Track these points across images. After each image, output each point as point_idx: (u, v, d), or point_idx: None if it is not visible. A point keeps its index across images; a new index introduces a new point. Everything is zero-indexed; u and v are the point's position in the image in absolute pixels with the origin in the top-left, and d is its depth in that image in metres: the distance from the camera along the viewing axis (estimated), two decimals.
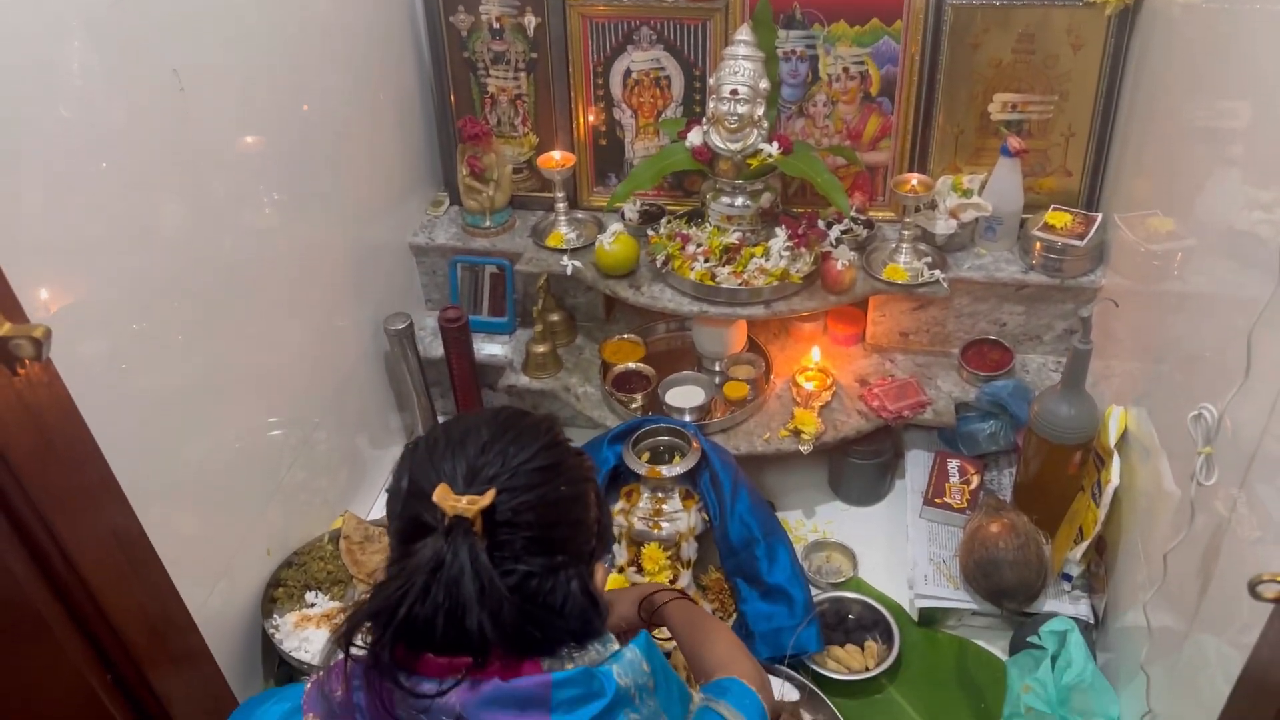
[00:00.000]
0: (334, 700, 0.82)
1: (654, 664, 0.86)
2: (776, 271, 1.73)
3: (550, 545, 0.83)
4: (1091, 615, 1.54)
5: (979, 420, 1.78)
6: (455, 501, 0.78)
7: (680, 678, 0.94)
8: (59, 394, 0.96)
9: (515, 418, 0.88)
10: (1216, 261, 1.26)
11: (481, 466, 0.82)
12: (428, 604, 0.78)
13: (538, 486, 0.83)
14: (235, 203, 1.45)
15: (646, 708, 0.83)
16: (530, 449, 0.84)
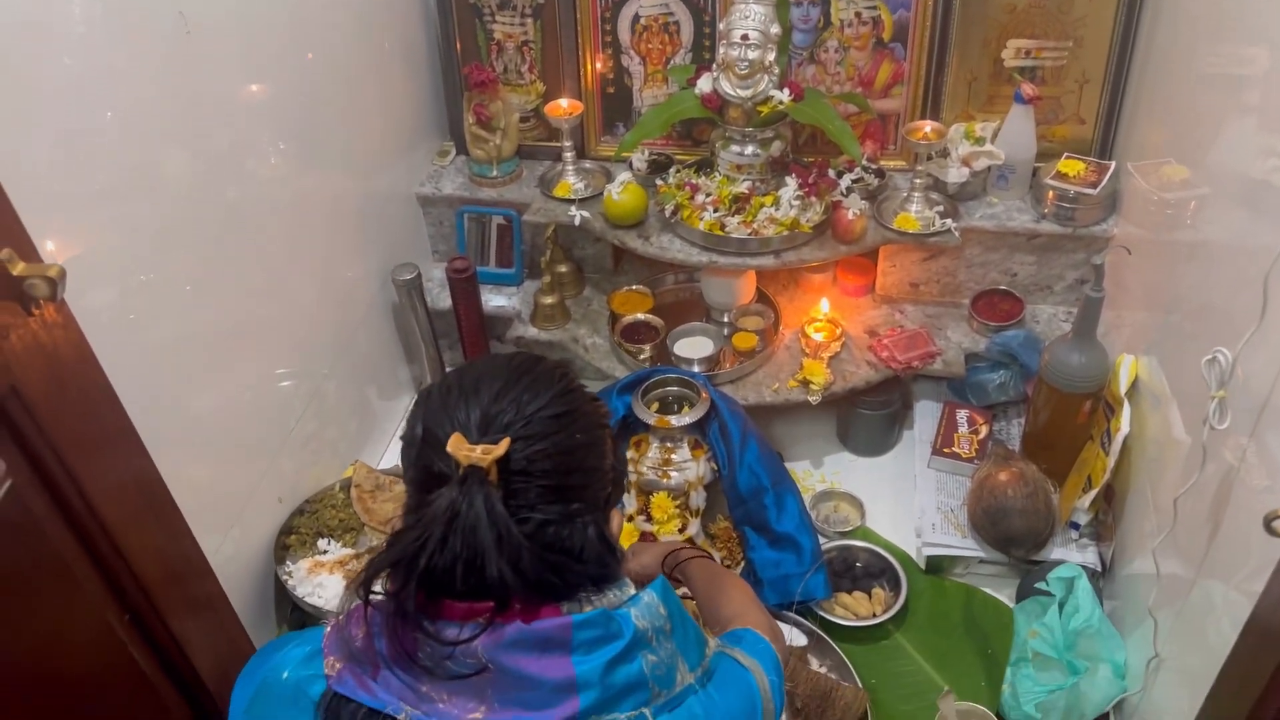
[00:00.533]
0: (354, 644, 0.82)
1: (671, 608, 0.87)
2: (786, 221, 1.72)
3: (566, 493, 0.83)
4: (1099, 563, 1.55)
5: (989, 370, 1.78)
6: (470, 451, 0.78)
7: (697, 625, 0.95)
8: (74, 336, 0.96)
9: (529, 364, 0.88)
10: (1231, 210, 1.25)
11: (496, 414, 0.82)
12: (446, 554, 0.78)
13: (553, 434, 0.82)
14: (241, 152, 1.44)
15: (664, 650, 0.84)
16: (544, 396, 0.84)
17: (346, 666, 0.82)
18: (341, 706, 0.80)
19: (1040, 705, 1.35)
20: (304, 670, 0.84)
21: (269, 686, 0.86)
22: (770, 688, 0.95)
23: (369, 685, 0.80)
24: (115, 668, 1.11)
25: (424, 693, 0.79)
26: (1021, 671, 1.39)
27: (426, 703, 0.78)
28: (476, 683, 0.78)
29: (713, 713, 0.86)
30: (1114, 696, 1.39)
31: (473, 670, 0.78)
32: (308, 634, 0.90)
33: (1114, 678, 1.39)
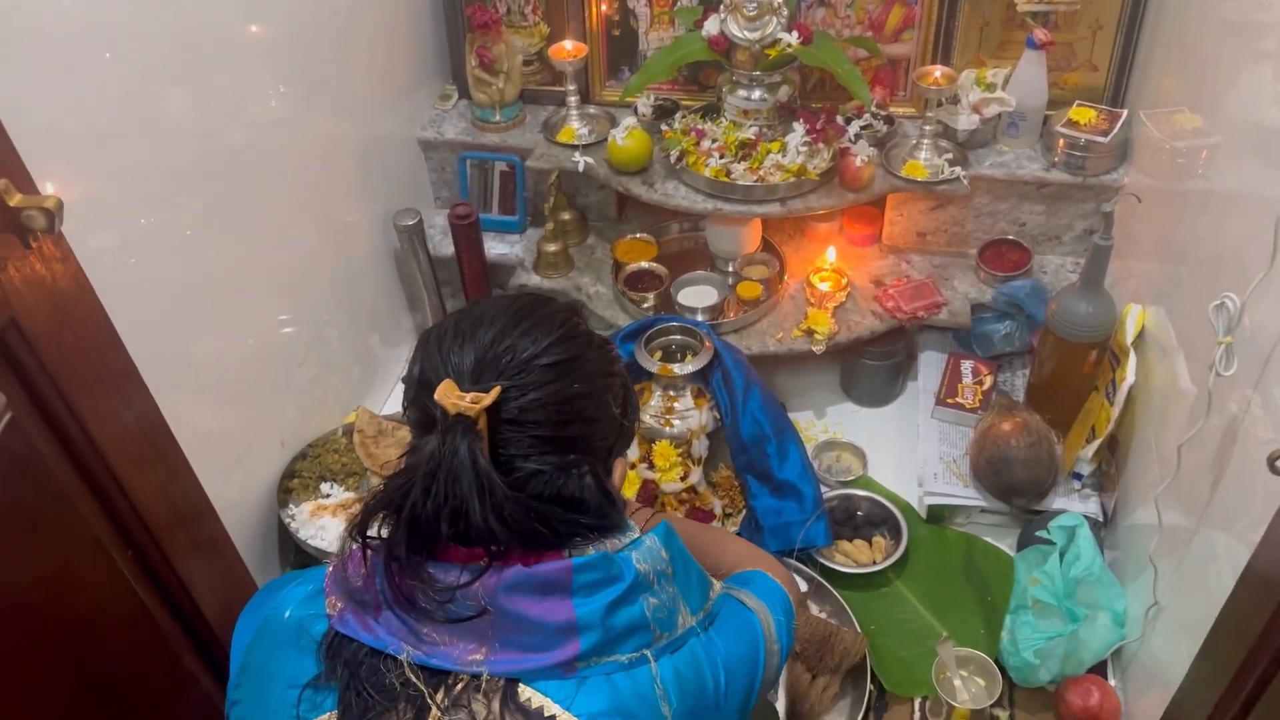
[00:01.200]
0: (353, 585, 0.82)
1: (673, 552, 0.86)
2: (793, 168, 1.70)
3: (561, 443, 0.81)
4: (1101, 513, 1.56)
5: (995, 321, 1.77)
6: (458, 399, 0.76)
7: (700, 567, 0.94)
8: (74, 271, 0.96)
9: (531, 307, 0.85)
10: (1244, 159, 1.23)
11: (490, 360, 0.80)
12: (430, 501, 0.77)
13: (550, 383, 0.80)
14: (241, 94, 1.42)
15: (665, 593, 0.84)
16: (543, 343, 0.81)
17: (348, 606, 0.81)
18: (343, 646, 0.80)
19: (1039, 652, 1.36)
20: (306, 609, 0.84)
21: (271, 624, 0.86)
22: (776, 628, 0.94)
23: (370, 625, 0.80)
24: (119, 603, 1.12)
25: (425, 634, 0.78)
26: (1021, 619, 1.40)
27: (427, 644, 0.78)
28: (477, 625, 0.78)
29: (714, 655, 0.86)
30: (1113, 644, 1.40)
31: (473, 613, 0.77)
32: (310, 573, 0.90)
33: (1113, 625, 1.40)
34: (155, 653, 1.21)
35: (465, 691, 0.77)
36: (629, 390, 0.91)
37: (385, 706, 0.77)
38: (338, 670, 0.79)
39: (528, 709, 0.76)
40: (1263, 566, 0.80)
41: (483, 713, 0.76)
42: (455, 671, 0.78)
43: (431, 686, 0.77)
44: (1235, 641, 0.80)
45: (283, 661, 0.82)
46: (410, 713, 0.77)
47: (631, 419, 0.92)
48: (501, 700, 0.76)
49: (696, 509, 1.66)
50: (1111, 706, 1.37)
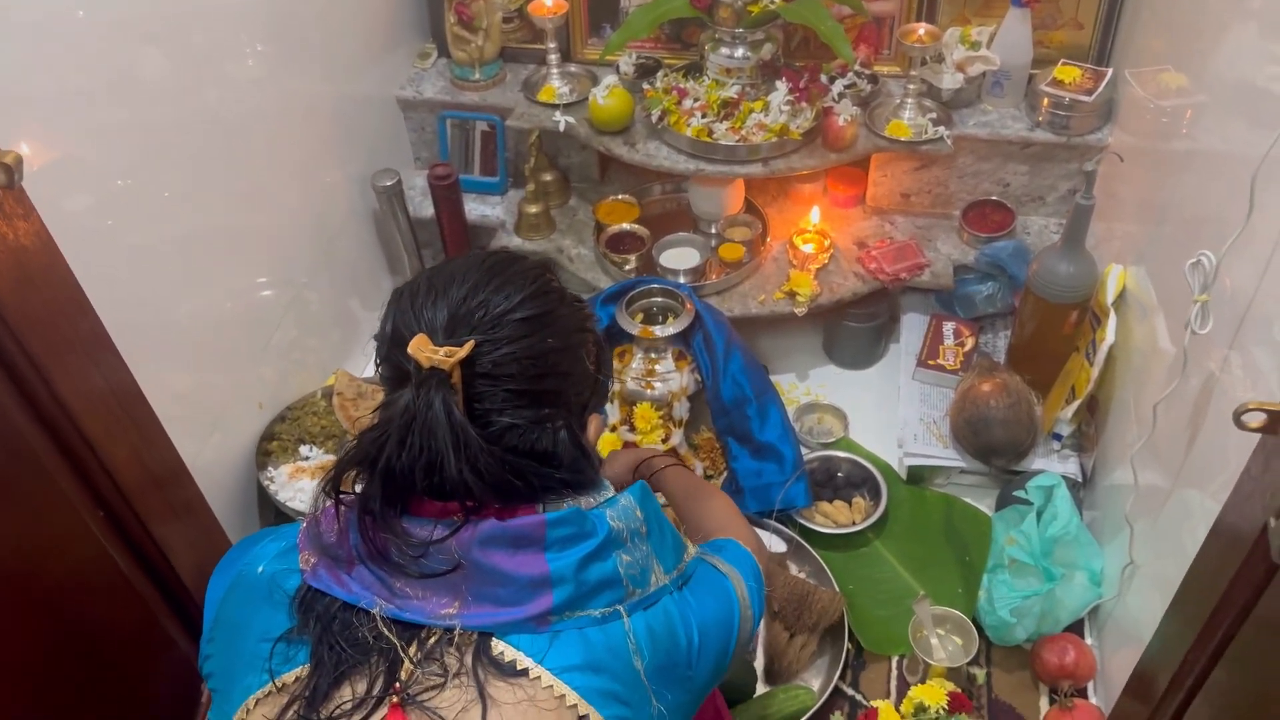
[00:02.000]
0: (327, 540, 0.82)
1: (647, 511, 0.87)
2: (776, 127, 1.68)
3: (536, 397, 0.81)
4: (1080, 474, 1.56)
5: (977, 282, 1.77)
6: (432, 353, 0.76)
7: (676, 529, 0.94)
8: (37, 228, 0.94)
9: (504, 263, 0.85)
10: (1227, 119, 1.22)
11: (464, 315, 0.80)
12: (405, 454, 0.77)
13: (523, 338, 0.80)
14: (217, 53, 1.40)
15: (638, 551, 0.84)
16: (516, 297, 0.81)
17: (321, 561, 0.81)
18: (316, 600, 0.80)
19: (1015, 610, 1.37)
20: (279, 564, 0.84)
21: (244, 580, 0.86)
22: (749, 594, 0.95)
23: (343, 580, 0.80)
24: (94, 567, 1.12)
25: (398, 588, 0.78)
26: (997, 578, 1.41)
27: (400, 597, 0.78)
28: (451, 579, 0.78)
29: (688, 615, 0.86)
30: (1089, 603, 1.42)
31: (447, 568, 0.77)
32: (283, 529, 0.89)
33: (1090, 585, 1.41)
34: (132, 615, 1.21)
35: (438, 645, 0.77)
36: (602, 346, 0.92)
37: (358, 660, 0.77)
38: (310, 624, 0.79)
39: (500, 662, 0.76)
40: (1230, 521, 0.80)
41: (455, 665, 0.76)
42: (428, 625, 0.78)
43: (404, 640, 0.77)
44: (1203, 596, 0.81)
45: (255, 616, 0.82)
46: (383, 666, 0.77)
47: (605, 375, 0.93)
48: (474, 653, 0.77)
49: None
50: (1087, 664, 1.39)
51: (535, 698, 0.76)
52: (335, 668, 0.77)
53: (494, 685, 0.76)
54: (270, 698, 0.79)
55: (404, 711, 0.75)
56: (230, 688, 0.82)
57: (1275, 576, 0.67)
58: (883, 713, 1.33)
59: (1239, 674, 0.74)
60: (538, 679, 0.76)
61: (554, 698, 0.76)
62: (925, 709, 1.33)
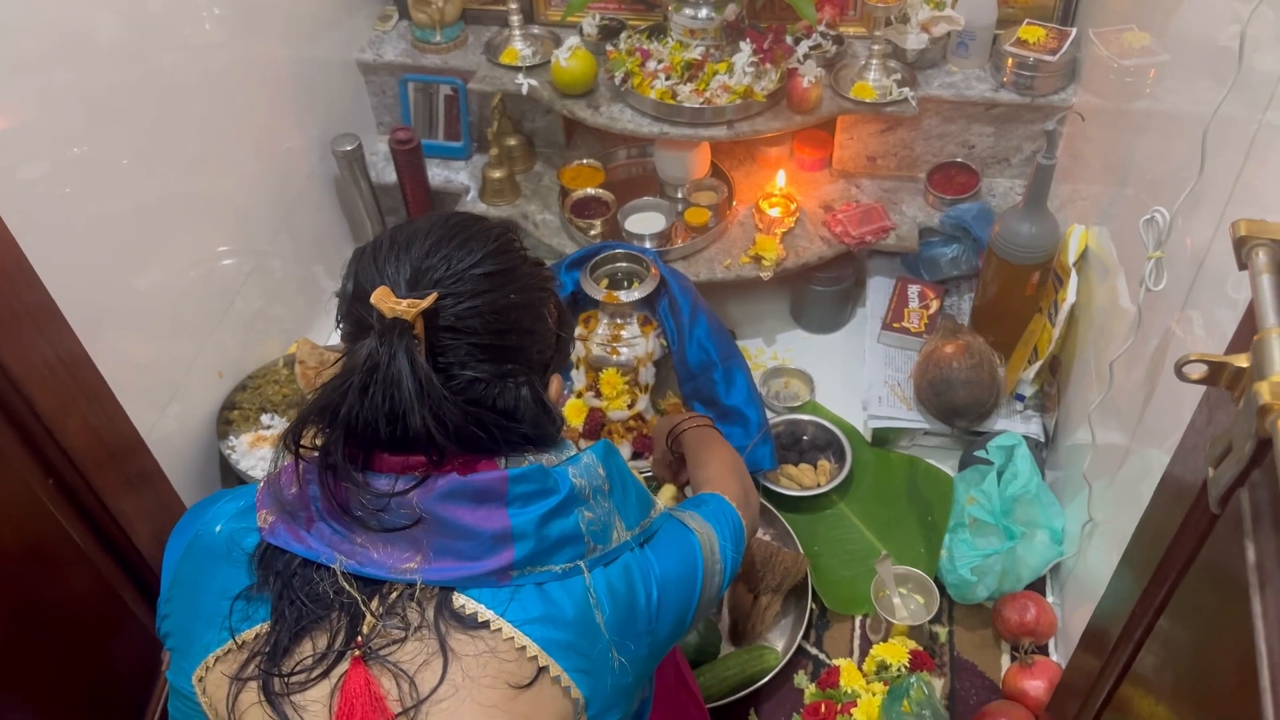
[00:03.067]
0: (286, 497, 0.81)
1: (610, 469, 0.87)
2: (740, 89, 1.66)
3: (498, 352, 0.82)
4: (1043, 434, 1.57)
5: (942, 245, 1.77)
6: (395, 304, 0.76)
7: (643, 486, 0.95)
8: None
9: (466, 223, 0.85)
10: (1190, 78, 1.22)
11: (426, 270, 0.80)
12: (368, 405, 0.76)
13: (485, 292, 0.81)
14: (175, 17, 1.38)
15: (600, 508, 0.84)
16: (478, 253, 0.82)
17: (279, 518, 0.81)
18: (275, 557, 0.80)
19: (975, 569, 1.39)
20: (237, 524, 0.83)
21: (202, 539, 0.85)
22: (719, 550, 0.96)
23: (302, 536, 0.79)
24: (50, 540, 1.11)
25: (359, 543, 0.78)
26: (958, 537, 1.42)
27: (361, 552, 0.78)
28: (412, 533, 0.78)
29: (648, 571, 0.87)
30: (1050, 560, 1.43)
31: (408, 522, 0.77)
32: (240, 490, 0.89)
33: (1051, 543, 1.43)
34: (89, 587, 1.20)
35: (400, 599, 0.77)
36: (563, 308, 0.92)
37: (319, 615, 0.77)
38: (270, 581, 0.79)
39: (461, 615, 0.77)
40: (1176, 473, 0.81)
41: (416, 620, 0.77)
42: (389, 580, 0.78)
43: (365, 594, 0.77)
44: (1152, 548, 0.81)
45: (214, 574, 0.82)
46: (344, 620, 0.77)
47: (567, 334, 0.93)
48: (436, 607, 0.77)
49: (644, 436, 1.66)
50: (1047, 621, 1.41)
51: (496, 649, 0.76)
52: (296, 623, 0.77)
53: (455, 638, 0.76)
54: (230, 655, 0.79)
55: (365, 665, 0.76)
56: (189, 646, 0.82)
57: (1215, 526, 0.68)
58: (845, 671, 1.34)
59: (1182, 623, 0.75)
60: (498, 631, 0.76)
61: (514, 649, 0.76)
62: (887, 667, 1.34)
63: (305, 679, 0.76)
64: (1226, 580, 0.62)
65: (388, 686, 0.76)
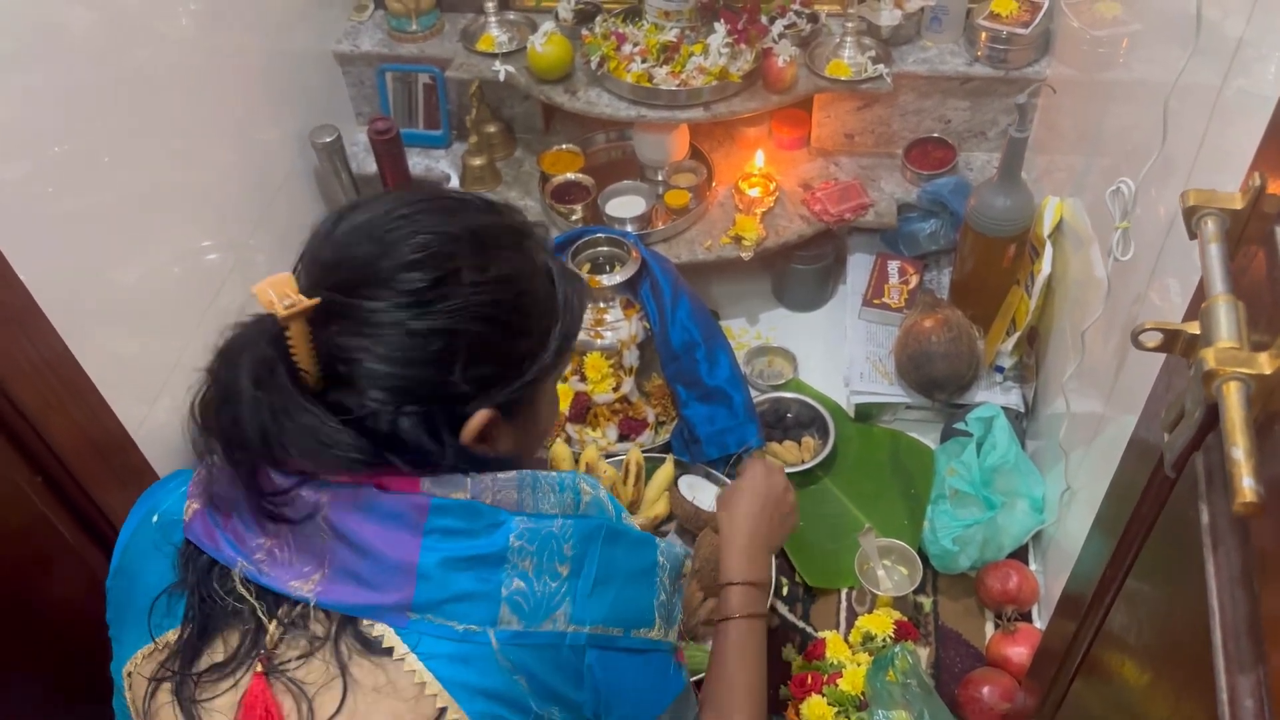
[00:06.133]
0: (217, 485, 0.74)
1: (586, 554, 0.74)
2: (716, 70, 1.67)
3: (389, 381, 0.70)
4: (1022, 404, 1.59)
5: (920, 220, 1.78)
6: (268, 296, 0.66)
7: (654, 595, 0.80)
8: None
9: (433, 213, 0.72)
10: (1162, 47, 1.23)
11: (337, 264, 0.70)
12: (207, 393, 0.70)
13: (400, 310, 0.69)
14: (148, 11, 1.37)
15: (542, 584, 0.72)
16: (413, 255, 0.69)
17: (201, 510, 0.75)
18: (195, 554, 0.75)
19: (957, 539, 1.41)
20: (174, 515, 0.78)
21: (140, 531, 0.81)
22: None
23: (214, 534, 0.74)
24: (32, 531, 1.12)
25: (266, 545, 0.72)
26: (940, 508, 1.44)
27: (266, 558, 0.72)
28: (320, 544, 0.71)
29: (595, 674, 0.75)
30: (1031, 529, 1.45)
31: (309, 513, 0.71)
32: (189, 473, 0.82)
33: (1031, 511, 1.45)
34: (78, 582, 1.21)
35: (306, 610, 0.72)
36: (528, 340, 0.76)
37: (227, 620, 0.73)
38: (187, 578, 0.75)
39: (368, 638, 0.71)
40: (1140, 438, 0.83)
41: (322, 633, 0.72)
42: (283, 595, 0.72)
43: (271, 602, 0.73)
44: (1119, 513, 0.83)
45: (146, 567, 0.79)
46: (253, 624, 0.72)
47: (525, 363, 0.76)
48: (339, 625, 0.71)
49: (630, 418, 1.68)
50: (1030, 589, 1.43)
51: (396, 683, 0.70)
52: (204, 626, 0.73)
53: (357, 663, 0.70)
54: (152, 655, 0.75)
55: (267, 680, 0.71)
56: (121, 640, 0.79)
57: (1174, 488, 0.70)
58: (831, 643, 1.36)
59: (1147, 583, 0.77)
60: (401, 661, 0.70)
61: (414, 685, 0.70)
62: (873, 638, 1.37)
63: (213, 687, 0.72)
64: (1184, 541, 0.64)
65: (288, 708, 0.70)
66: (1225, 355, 0.55)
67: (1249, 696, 0.51)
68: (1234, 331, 0.56)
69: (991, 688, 1.31)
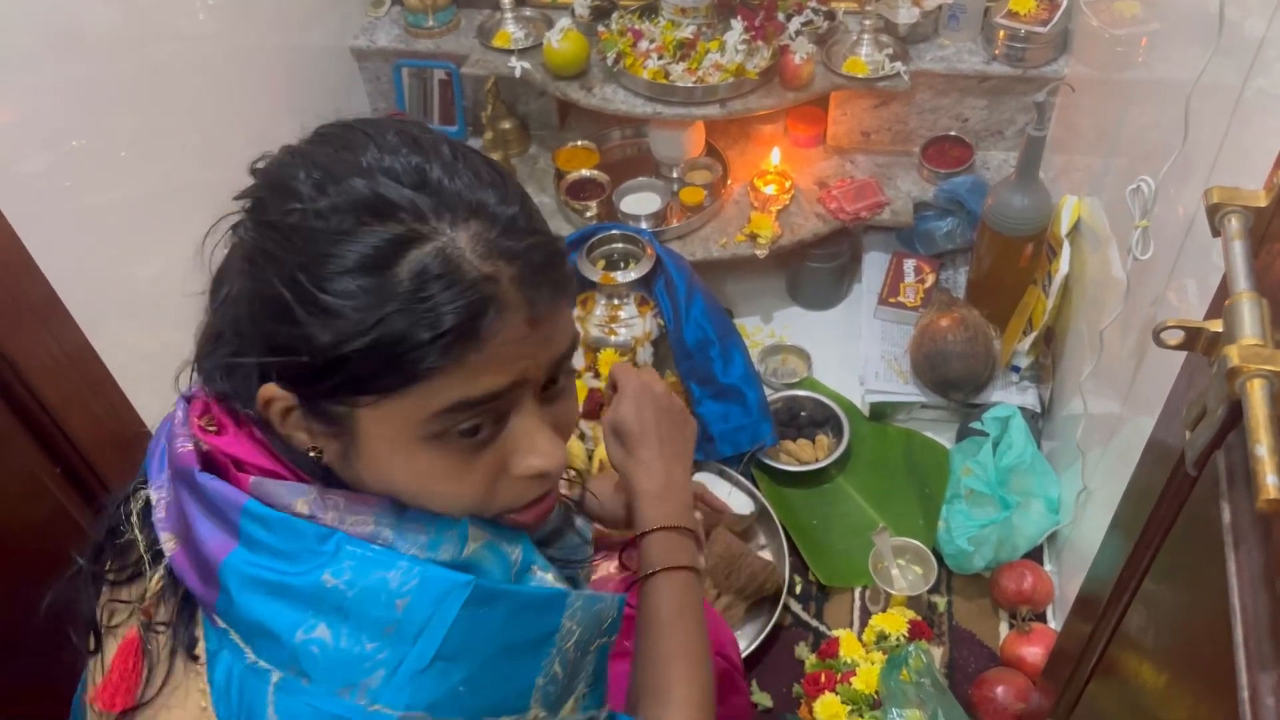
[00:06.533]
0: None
1: (427, 617, 0.57)
2: (732, 67, 1.67)
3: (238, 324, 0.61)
4: (1039, 405, 1.59)
5: (937, 219, 1.77)
6: None
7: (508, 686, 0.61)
8: None
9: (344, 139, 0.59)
10: (1182, 46, 1.22)
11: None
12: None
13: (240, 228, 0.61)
14: (168, 8, 1.38)
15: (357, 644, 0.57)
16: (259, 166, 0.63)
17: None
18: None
19: (972, 539, 1.40)
20: None
21: None
22: None
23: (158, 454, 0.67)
24: (51, 522, 1.13)
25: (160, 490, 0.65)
26: (955, 507, 1.44)
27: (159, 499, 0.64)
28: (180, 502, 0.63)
29: None
30: (1046, 529, 1.44)
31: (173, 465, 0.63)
32: None
33: (1047, 512, 1.44)
34: None
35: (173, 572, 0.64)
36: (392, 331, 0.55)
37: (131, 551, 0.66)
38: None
39: (192, 630, 0.63)
40: (1160, 438, 0.82)
41: (173, 605, 0.64)
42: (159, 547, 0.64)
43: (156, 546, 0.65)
44: (1137, 513, 0.83)
45: None
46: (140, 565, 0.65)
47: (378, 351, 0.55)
48: (183, 599, 0.63)
49: None
50: (1044, 590, 1.42)
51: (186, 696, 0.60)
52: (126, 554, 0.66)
53: (180, 657, 0.62)
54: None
55: (140, 635, 0.63)
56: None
57: (1194, 488, 0.69)
58: (844, 641, 1.36)
59: (1165, 583, 0.77)
60: (199, 674, 0.60)
61: (199, 707, 0.60)
62: (886, 637, 1.36)
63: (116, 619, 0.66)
64: (1204, 541, 0.64)
65: (144, 675, 0.63)
66: (1249, 352, 0.54)
67: (1270, 695, 0.50)
68: (1258, 329, 0.56)
69: (1006, 687, 1.30)
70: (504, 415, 0.60)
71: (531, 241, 0.58)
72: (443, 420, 0.57)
